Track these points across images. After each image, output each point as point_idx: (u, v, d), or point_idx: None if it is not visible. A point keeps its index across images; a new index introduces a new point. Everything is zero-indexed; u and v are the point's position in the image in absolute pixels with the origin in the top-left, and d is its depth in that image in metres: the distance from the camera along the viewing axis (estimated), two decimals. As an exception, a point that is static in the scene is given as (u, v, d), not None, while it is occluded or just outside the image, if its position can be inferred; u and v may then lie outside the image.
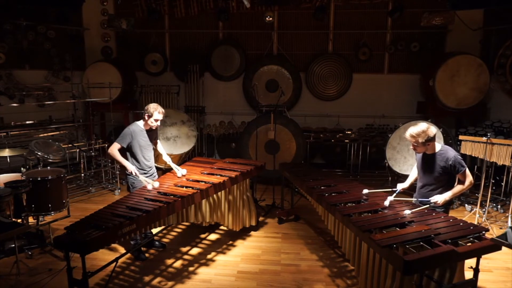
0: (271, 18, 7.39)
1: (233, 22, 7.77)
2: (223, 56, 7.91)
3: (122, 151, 4.21)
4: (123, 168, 4.30)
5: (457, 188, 3.44)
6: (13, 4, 6.64)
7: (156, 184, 4.03)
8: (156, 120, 4.19)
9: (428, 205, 3.42)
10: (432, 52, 7.42)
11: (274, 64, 7.81)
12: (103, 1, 7.90)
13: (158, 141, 4.68)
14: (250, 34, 7.90)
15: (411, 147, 3.51)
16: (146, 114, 4.17)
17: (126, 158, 4.24)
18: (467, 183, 3.41)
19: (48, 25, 7.32)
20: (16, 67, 7.15)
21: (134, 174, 4.12)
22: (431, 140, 3.36)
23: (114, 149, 4.15)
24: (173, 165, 4.52)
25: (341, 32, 7.70)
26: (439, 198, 3.41)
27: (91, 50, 8.08)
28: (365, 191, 3.82)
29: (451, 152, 3.41)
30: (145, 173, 4.27)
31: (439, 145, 3.48)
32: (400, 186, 3.74)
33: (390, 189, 3.79)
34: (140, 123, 4.29)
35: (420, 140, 3.34)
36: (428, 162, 3.50)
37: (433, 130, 3.38)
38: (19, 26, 6.98)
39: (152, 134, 4.40)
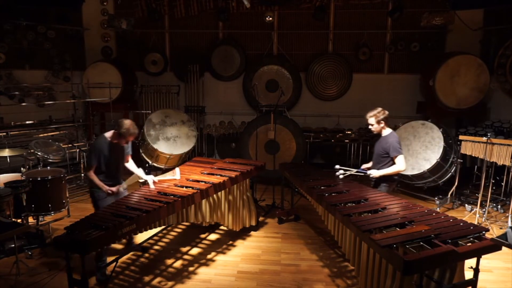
0: (271, 18, 7.39)
1: (233, 22, 7.77)
2: (223, 56, 7.91)
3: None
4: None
5: (390, 169, 4.09)
6: (13, 4, 6.64)
7: (156, 179, 4.09)
8: (127, 142, 3.95)
9: (363, 173, 4.27)
10: (432, 52, 7.41)
11: (274, 64, 7.81)
12: (103, 1, 7.90)
13: (130, 158, 4.26)
14: (250, 34, 7.90)
15: (369, 126, 4.20)
16: (121, 131, 3.78)
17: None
18: (396, 167, 4.05)
19: (48, 25, 7.32)
20: (16, 67, 7.15)
21: (115, 190, 3.85)
22: (382, 120, 4.08)
23: (91, 173, 3.80)
24: (143, 175, 4.19)
25: (341, 32, 7.70)
26: (374, 172, 4.14)
27: (91, 50, 8.07)
28: (337, 166, 4.38)
29: (391, 138, 4.10)
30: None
31: (389, 131, 4.17)
32: (364, 166, 4.46)
33: (360, 169, 4.41)
34: (108, 135, 3.90)
35: (374, 119, 4.09)
36: (378, 143, 4.25)
37: (385, 112, 4.10)
38: (19, 26, 6.98)
39: (123, 148, 4.01)
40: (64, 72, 7.71)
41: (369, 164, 4.47)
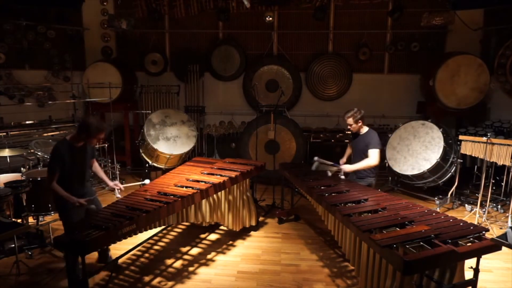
0: (271, 18, 7.38)
1: (233, 22, 7.76)
2: (223, 56, 7.91)
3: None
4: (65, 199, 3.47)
5: (361, 163, 4.39)
6: (13, 4, 6.64)
7: (122, 186, 3.92)
8: (98, 140, 3.63)
9: (336, 167, 4.53)
10: (432, 52, 7.41)
11: (274, 64, 7.80)
12: (103, 1, 7.90)
13: (95, 161, 3.97)
14: (250, 34, 7.89)
15: (348, 127, 4.49)
16: (90, 130, 3.45)
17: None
18: (368, 160, 4.34)
19: (48, 25, 7.31)
20: (16, 67, 7.14)
21: (84, 202, 3.46)
22: (360, 119, 4.41)
23: (54, 183, 3.42)
24: (108, 181, 4.02)
25: (341, 32, 7.70)
26: (346, 167, 4.48)
27: (91, 50, 8.07)
28: (316, 158, 4.70)
29: (373, 134, 4.43)
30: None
31: (366, 128, 4.52)
32: (341, 161, 4.77)
33: (333, 163, 4.71)
34: (70, 138, 3.57)
35: (352, 120, 4.39)
36: (359, 141, 4.53)
37: (361, 112, 4.43)
38: (19, 26, 6.97)
39: (86, 151, 3.67)
40: (64, 72, 7.70)
41: (344, 159, 4.87)
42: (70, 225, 3.29)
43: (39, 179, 4.29)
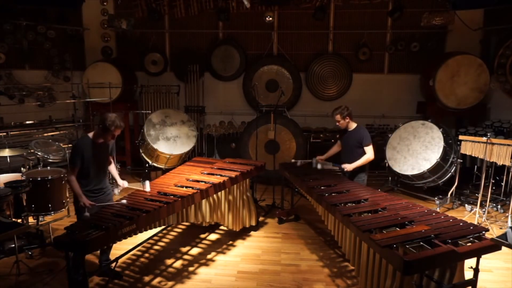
0: (271, 18, 7.38)
1: (233, 22, 7.76)
2: (223, 56, 7.91)
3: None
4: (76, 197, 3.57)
5: (361, 159, 4.51)
6: (13, 4, 6.64)
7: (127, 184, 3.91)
8: (113, 137, 3.64)
9: (338, 168, 4.63)
10: (432, 52, 7.41)
11: (274, 64, 7.81)
12: (103, 1, 7.90)
13: (112, 161, 4.06)
14: (250, 34, 7.89)
15: (337, 123, 4.63)
16: (106, 125, 3.48)
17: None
18: (367, 156, 4.49)
19: (48, 25, 7.32)
20: (16, 67, 7.15)
21: (88, 205, 3.46)
22: (347, 116, 4.54)
23: (73, 177, 3.51)
24: (119, 180, 4.02)
25: (341, 32, 7.70)
26: (348, 166, 4.54)
27: (91, 50, 8.07)
28: (317, 159, 4.90)
29: (363, 129, 4.61)
30: (94, 197, 3.63)
31: (355, 124, 4.64)
32: (319, 158, 4.90)
33: (334, 164, 4.80)
34: (91, 135, 3.65)
35: (340, 116, 4.53)
36: (348, 137, 4.64)
37: (349, 108, 4.58)
38: (19, 26, 6.98)
39: (107, 148, 3.79)
40: (64, 72, 7.71)
41: (323, 156, 4.96)
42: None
43: (39, 179, 4.29)
